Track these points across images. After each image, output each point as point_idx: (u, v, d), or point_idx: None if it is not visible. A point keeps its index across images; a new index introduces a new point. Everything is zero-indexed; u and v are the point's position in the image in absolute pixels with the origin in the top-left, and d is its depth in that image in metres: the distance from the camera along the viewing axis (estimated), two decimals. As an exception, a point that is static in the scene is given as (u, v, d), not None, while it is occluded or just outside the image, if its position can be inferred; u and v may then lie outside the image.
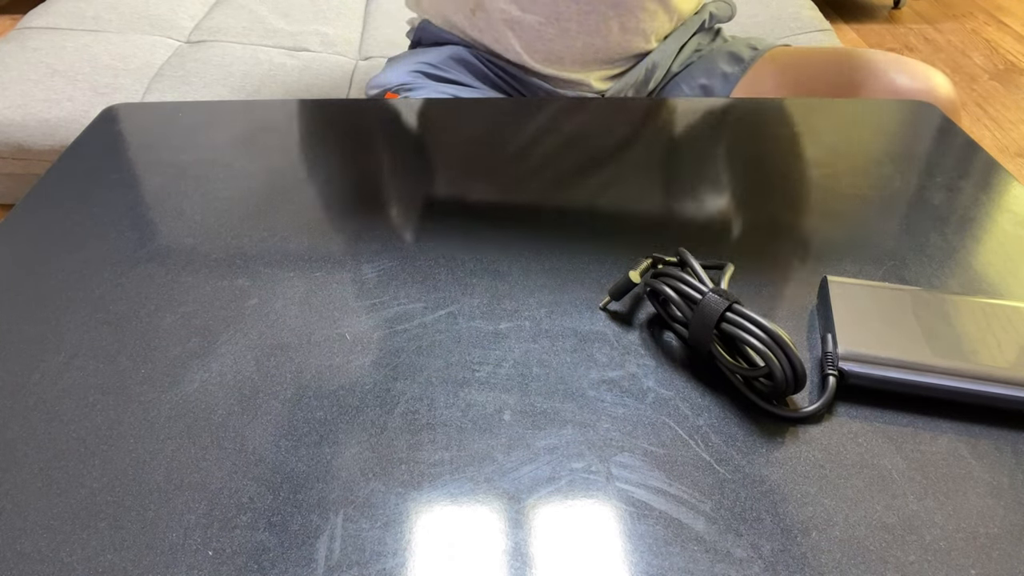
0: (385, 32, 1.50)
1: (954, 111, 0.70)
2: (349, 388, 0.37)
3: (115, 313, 0.42)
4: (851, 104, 0.64)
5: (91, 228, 0.49)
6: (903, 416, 0.36)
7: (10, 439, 0.35)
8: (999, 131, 1.84)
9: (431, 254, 0.46)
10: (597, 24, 0.74)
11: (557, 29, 0.74)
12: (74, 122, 1.25)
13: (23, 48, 1.35)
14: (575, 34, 0.74)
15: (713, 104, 0.64)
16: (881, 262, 0.46)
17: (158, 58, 1.37)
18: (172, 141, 0.58)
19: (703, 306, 0.37)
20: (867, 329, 0.38)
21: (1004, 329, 0.37)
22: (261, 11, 1.52)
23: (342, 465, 0.33)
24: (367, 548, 0.30)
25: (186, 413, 0.36)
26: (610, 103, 0.65)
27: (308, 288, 0.44)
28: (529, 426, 0.35)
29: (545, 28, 0.74)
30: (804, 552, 0.30)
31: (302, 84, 1.32)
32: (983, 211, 0.50)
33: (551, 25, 0.74)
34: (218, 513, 0.31)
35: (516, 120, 0.61)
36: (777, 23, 1.46)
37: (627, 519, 0.31)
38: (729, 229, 0.49)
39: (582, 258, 0.46)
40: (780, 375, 0.34)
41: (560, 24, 0.73)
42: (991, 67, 2.13)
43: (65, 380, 0.38)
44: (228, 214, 0.50)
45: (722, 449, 0.34)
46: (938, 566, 0.30)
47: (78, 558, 0.30)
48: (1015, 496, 0.32)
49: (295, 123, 0.61)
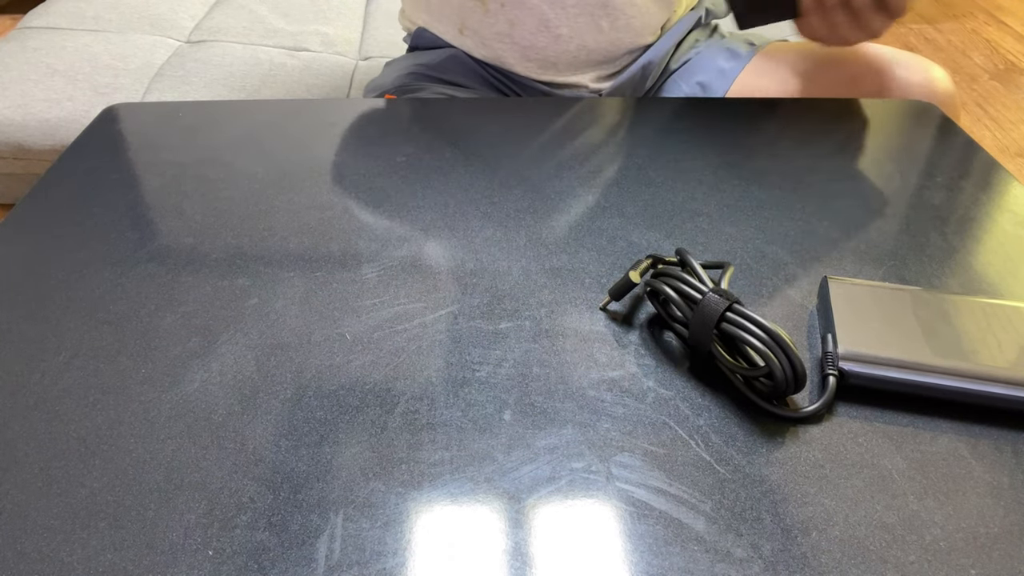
0: (385, 32, 1.50)
1: (953, 106, 0.70)
2: (349, 388, 0.37)
3: (115, 313, 0.42)
4: (851, 103, 0.64)
5: (91, 228, 0.49)
6: (903, 416, 0.36)
7: (10, 439, 0.35)
8: (999, 131, 1.84)
9: (431, 254, 0.46)
10: (587, 25, 0.74)
11: (549, 36, 0.74)
12: (74, 122, 1.24)
13: (23, 48, 1.35)
14: (567, 39, 0.74)
15: (713, 103, 0.64)
16: (881, 262, 0.46)
17: (158, 58, 1.37)
18: (172, 141, 0.58)
19: (703, 306, 0.37)
20: (867, 329, 0.38)
21: (1004, 329, 0.37)
22: (261, 11, 1.52)
23: (342, 465, 0.33)
24: (367, 548, 0.30)
25: (186, 413, 0.36)
26: (608, 102, 0.65)
27: (308, 288, 0.44)
28: (529, 426, 0.35)
29: (536, 37, 0.74)
30: (804, 552, 0.30)
31: (302, 84, 1.32)
32: (983, 211, 0.50)
33: (542, 34, 0.73)
34: (218, 513, 0.31)
35: (515, 120, 0.61)
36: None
37: (627, 519, 0.31)
38: (729, 229, 0.49)
39: (582, 258, 0.46)
40: (780, 375, 0.34)
41: (551, 31, 0.73)
42: (991, 67, 2.13)
43: (65, 380, 0.38)
44: (228, 214, 0.50)
45: (722, 449, 0.34)
46: (938, 566, 0.30)
47: (78, 558, 0.30)
48: (1015, 496, 0.32)
49: (295, 123, 0.61)
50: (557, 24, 0.73)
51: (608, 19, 0.74)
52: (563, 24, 0.73)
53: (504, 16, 0.73)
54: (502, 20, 0.73)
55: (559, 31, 0.73)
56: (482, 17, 0.73)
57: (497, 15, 0.73)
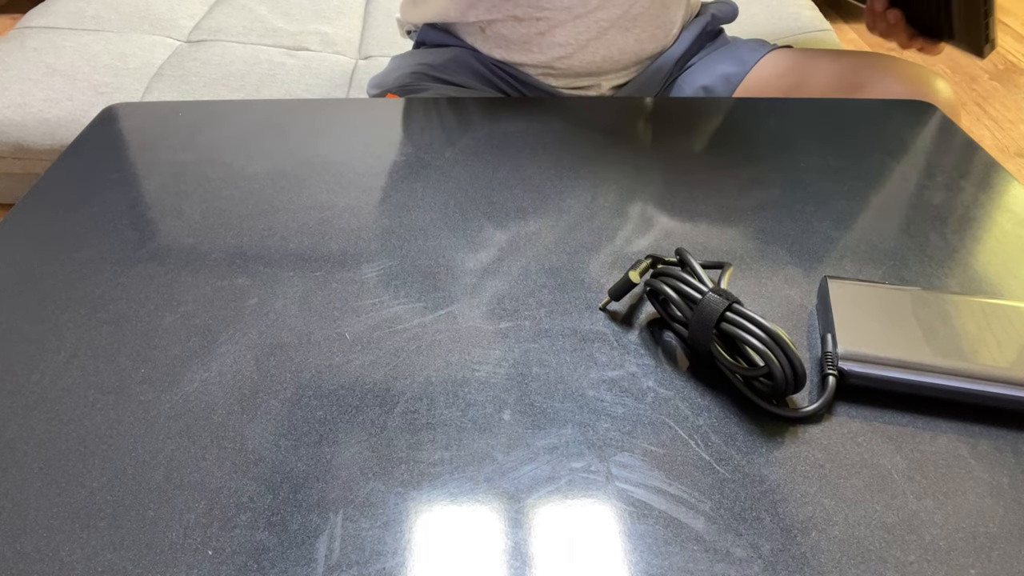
0: (385, 31, 1.50)
1: (955, 116, 0.70)
2: (349, 388, 0.37)
3: (115, 313, 0.42)
4: (851, 104, 0.64)
5: (91, 228, 0.49)
6: (903, 416, 0.36)
7: (10, 439, 0.35)
8: (999, 131, 1.84)
9: (431, 254, 0.46)
10: (615, 38, 0.74)
11: (575, 46, 0.74)
12: (74, 122, 1.24)
13: (23, 48, 1.35)
14: (593, 50, 0.75)
15: (713, 104, 0.64)
16: (881, 262, 0.46)
17: (158, 58, 1.37)
18: (172, 141, 0.58)
19: (703, 306, 0.37)
20: (867, 329, 0.38)
21: (1004, 329, 0.37)
22: (261, 11, 1.52)
23: (342, 465, 0.33)
24: (367, 548, 0.30)
25: (186, 413, 0.36)
26: (609, 102, 0.65)
27: (308, 288, 0.44)
28: (529, 426, 0.35)
29: (564, 48, 0.74)
30: (804, 552, 0.30)
31: (302, 84, 1.32)
32: (983, 211, 0.50)
33: (569, 44, 0.74)
34: (218, 513, 0.31)
35: (515, 120, 0.61)
36: (777, 23, 1.46)
37: (627, 519, 0.31)
38: (729, 229, 0.49)
39: (582, 258, 0.46)
40: (780, 375, 0.34)
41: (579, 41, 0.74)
42: (991, 67, 2.13)
43: (65, 380, 0.38)
44: (228, 214, 0.50)
45: (722, 449, 0.34)
46: (938, 566, 0.30)
47: (78, 557, 0.30)
48: (1015, 496, 0.32)
49: (295, 123, 0.61)
50: (587, 35, 0.73)
51: (636, 29, 0.74)
52: (593, 36, 0.73)
53: (536, 28, 0.73)
54: (533, 31, 0.73)
55: (588, 41, 0.74)
56: (514, 25, 0.74)
57: (530, 26, 0.73)
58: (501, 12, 0.72)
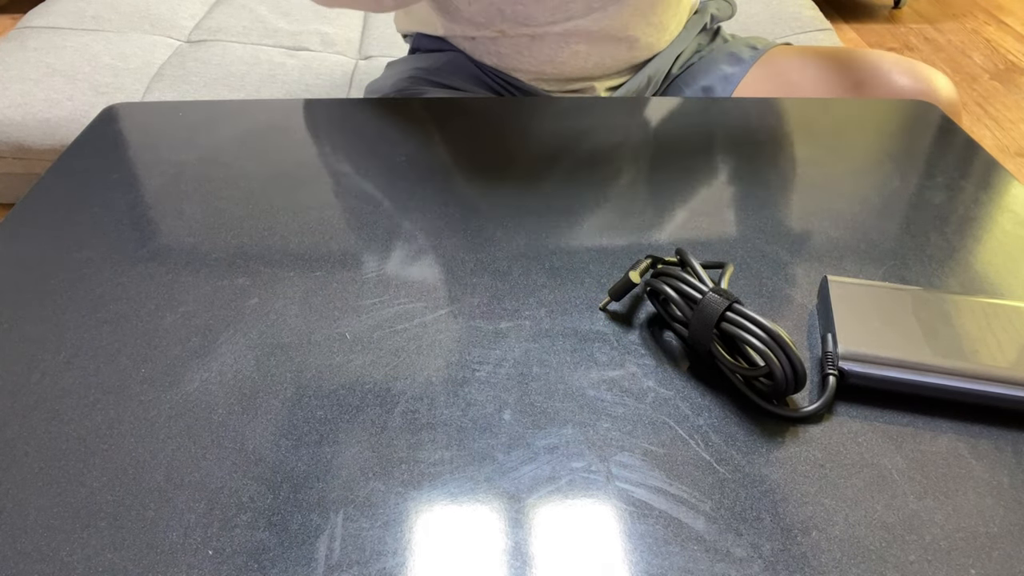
0: (385, 32, 1.50)
1: (955, 113, 0.70)
2: (349, 388, 0.37)
3: (115, 313, 0.42)
4: (851, 104, 0.64)
5: (91, 228, 0.49)
6: (903, 416, 0.36)
7: (10, 439, 0.35)
8: (999, 131, 1.84)
9: (431, 254, 0.46)
10: (606, 46, 0.74)
11: (568, 53, 0.74)
12: (74, 122, 1.25)
13: (23, 48, 1.35)
14: (584, 57, 0.74)
15: (713, 104, 0.64)
16: (881, 262, 0.46)
17: (158, 58, 1.37)
18: (172, 141, 0.58)
19: (703, 306, 0.37)
20: (867, 329, 0.38)
21: (1004, 329, 0.37)
22: (261, 11, 1.52)
23: (342, 464, 0.33)
24: (367, 547, 0.30)
25: (186, 413, 0.36)
26: (609, 103, 0.65)
27: (308, 288, 0.44)
28: (529, 426, 0.35)
29: (555, 56, 0.74)
30: (804, 552, 0.30)
31: (302, 84, 1.32)
32: (983, 211, 0.50)
33: (560, 53, 0.74)
34: (218, 512, 0.31)
35: (516, 120, 0.61)
36: (777, 23, 1.46)
37: (627, 519, 0.31)
38: (729, 229, 0.49)
39: (582, 258, 0.46)
40: (780, 375, 0.34)
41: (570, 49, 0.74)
42: (991, 67, 2.13)
43: (65, 380, 0.38)
44: (228, 214, 0.50)
45: (722, 449, 0.34)
46: (938, 566, 0.30)
47: (78, 557, 0.30)
48: (1015, 496, 0.32)
49: (295, 123, 0.61)
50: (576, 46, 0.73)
51: (628, 41, 0.74)
52: (582, 44, 0.73)
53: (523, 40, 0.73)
54: (522, 42, 0.73)
55: (578, 49, 0.73)
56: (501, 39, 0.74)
57: (517, 39, 0.73)
58: (489, 29, 0.72)
